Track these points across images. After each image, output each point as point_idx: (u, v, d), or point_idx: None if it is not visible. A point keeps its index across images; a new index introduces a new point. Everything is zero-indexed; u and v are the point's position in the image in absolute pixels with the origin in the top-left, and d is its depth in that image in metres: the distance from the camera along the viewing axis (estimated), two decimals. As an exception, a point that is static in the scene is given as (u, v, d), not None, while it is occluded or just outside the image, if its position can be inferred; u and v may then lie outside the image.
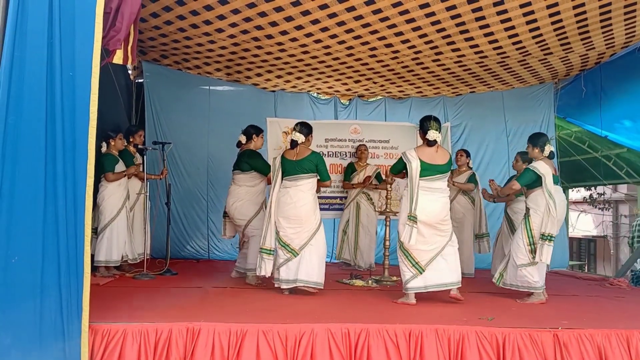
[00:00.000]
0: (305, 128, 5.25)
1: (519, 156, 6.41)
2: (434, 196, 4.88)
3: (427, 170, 4.86)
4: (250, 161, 5.72)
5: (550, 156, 5.32)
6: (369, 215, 7.24)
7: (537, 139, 5.37)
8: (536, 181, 5.21)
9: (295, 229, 5.09)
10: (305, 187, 5.14)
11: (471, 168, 7.23)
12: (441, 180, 4.96)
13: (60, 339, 3.21)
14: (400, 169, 5.09)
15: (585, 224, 15.88)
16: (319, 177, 5.23)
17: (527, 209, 5.27)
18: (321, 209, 5.42)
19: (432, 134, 4.88)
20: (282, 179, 5.22)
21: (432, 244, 4.88)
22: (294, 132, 5.21)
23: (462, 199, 7.00)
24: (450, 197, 6.89)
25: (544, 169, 5.17)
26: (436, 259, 4.88)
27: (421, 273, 4.85)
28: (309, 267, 5.03)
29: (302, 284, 5.03)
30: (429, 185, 4.86)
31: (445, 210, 4.94)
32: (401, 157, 5.02)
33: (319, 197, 5.45)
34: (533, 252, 5.10)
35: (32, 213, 3.22)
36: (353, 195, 7.31)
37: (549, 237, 5.03)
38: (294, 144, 5.18)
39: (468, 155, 7.19)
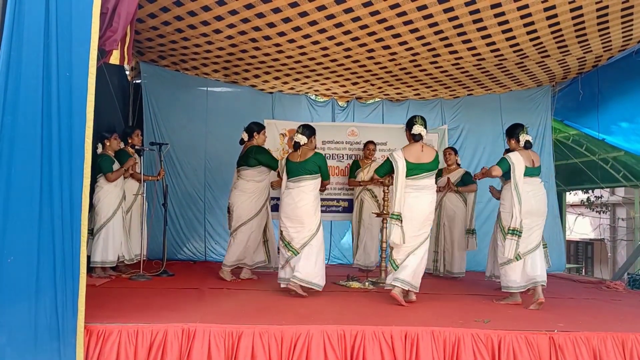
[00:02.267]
0: (307, 130, 5.35)
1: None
2: (421, 194, 4.99)
3: (414, 169, 5.00)
4: (258, 156, 5.86)
5: (527, 145, 5.22)
6: (372, 215, 7.16)
7: (511, 131, 5.38)
8: (509, 171, 5.17)
9: (296, 228, 5.12)
10: (307, 188, 5.17)
11: (459, 165, 7.24)
12: (428, 178, 5.05)
13: (55, 340, 3.21)
14: (387, 169, 5.22)
15: (582, 227, 15.91)
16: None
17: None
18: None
19: (416, 128, 5.06)
20: (287, 181, 5.29)
21: (411, 241, 4.96)
22: (296, 134, 5.29)
23: (452, 196, 7.00)
24: (440, 195, 6.93)
25: (515, 158, 5.16)
26: (408, 257, 4.96)
27: (395, 270, 4.98)
28: (308, 266, 5.02)
29: (298, 281, 4.98)
30: (416, 184, 5.00)
31: (431, 208, 5.04)
32: (388, 157, 5.17)
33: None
34: None
35: (27, 213, 3.22)
36: (357, 193, 7.25)
37: (511, 231, 5.05)
38: (296, 145, 5.26)
39: (456, 152, 7.26)
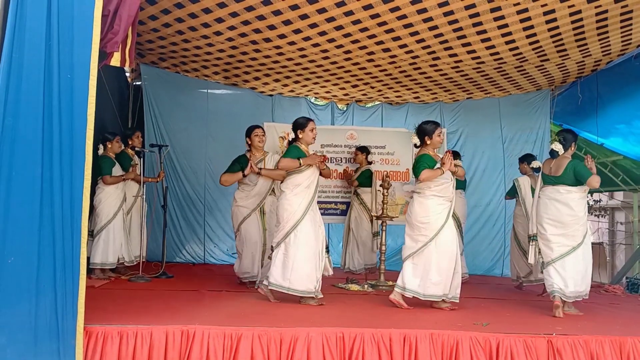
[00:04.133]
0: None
1: (520, 160, 6.86)
2: (414, 197, 5.01)
3: None
4: None
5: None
6: (358, 218, 7.19)
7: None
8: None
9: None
10: (283, 185, 4.99)
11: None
12: (419, 182, 4.91)
13: (55, 340, 3.21)
14: None
15: (581, 231, 15.87)
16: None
17: None
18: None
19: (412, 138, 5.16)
20: None
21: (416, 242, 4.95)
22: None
23: None
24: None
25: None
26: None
27: None
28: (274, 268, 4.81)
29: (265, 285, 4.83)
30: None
31: (420, 212, 4.83)
32: None
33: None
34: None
35: (28, 215, 3.23)
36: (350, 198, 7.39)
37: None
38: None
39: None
